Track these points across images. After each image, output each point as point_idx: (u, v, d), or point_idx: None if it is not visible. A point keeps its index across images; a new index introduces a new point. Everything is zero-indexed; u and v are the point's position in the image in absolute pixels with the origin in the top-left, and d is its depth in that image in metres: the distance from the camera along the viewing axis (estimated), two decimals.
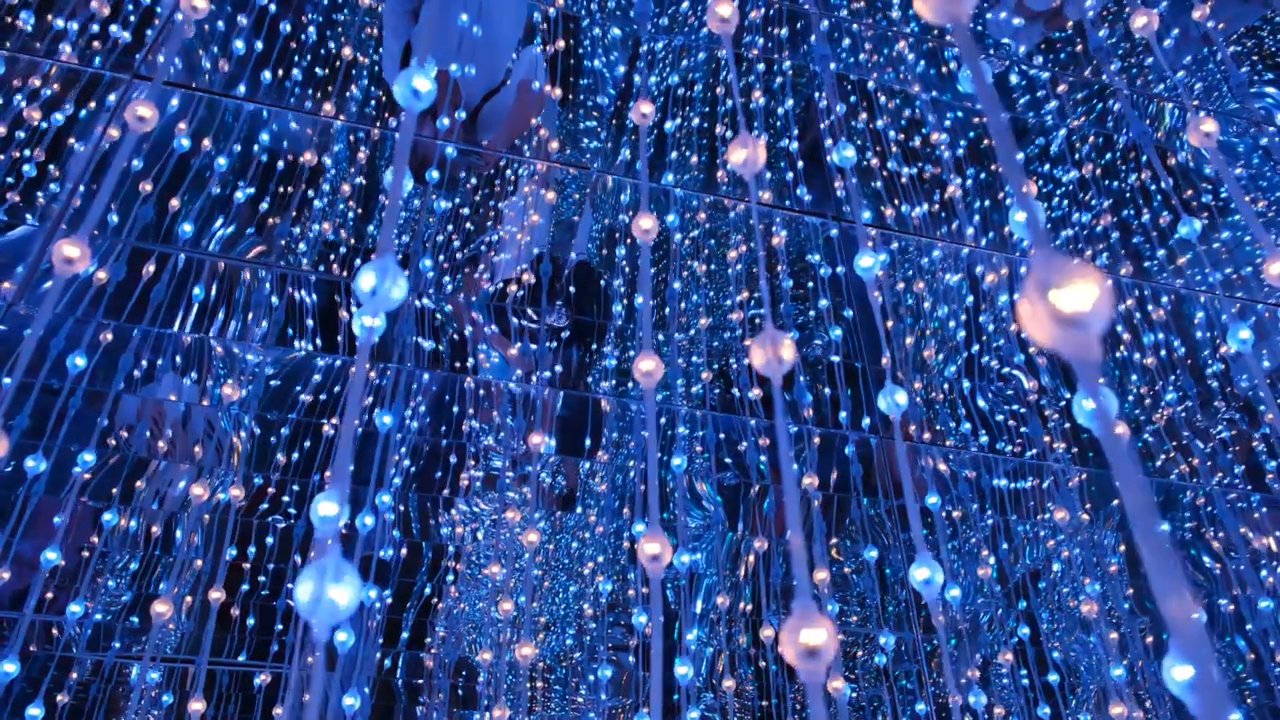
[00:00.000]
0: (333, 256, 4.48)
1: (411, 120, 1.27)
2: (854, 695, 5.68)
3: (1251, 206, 5.33)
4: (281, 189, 4.20)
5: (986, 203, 4.95)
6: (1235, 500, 5.43)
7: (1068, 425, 5.38)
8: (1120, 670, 3.81)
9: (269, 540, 4.77)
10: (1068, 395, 5.32)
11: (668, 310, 4.38)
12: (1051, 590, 5.89)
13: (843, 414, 4.57)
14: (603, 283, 4.72)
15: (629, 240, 4.68)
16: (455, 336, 4.54)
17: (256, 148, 4.09)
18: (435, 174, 3.83)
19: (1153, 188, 5.14)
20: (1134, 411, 5.54)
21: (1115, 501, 5.66)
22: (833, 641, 1.08)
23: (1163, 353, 5.00)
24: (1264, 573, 5.56)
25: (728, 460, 5.27)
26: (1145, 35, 2.45)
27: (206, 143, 3.91)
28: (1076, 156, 5.26)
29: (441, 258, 4.29)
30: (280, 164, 4.15)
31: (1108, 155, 5.26)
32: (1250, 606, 4.89)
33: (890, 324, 4.65)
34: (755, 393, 4.86)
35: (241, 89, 3.98)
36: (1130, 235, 5.25)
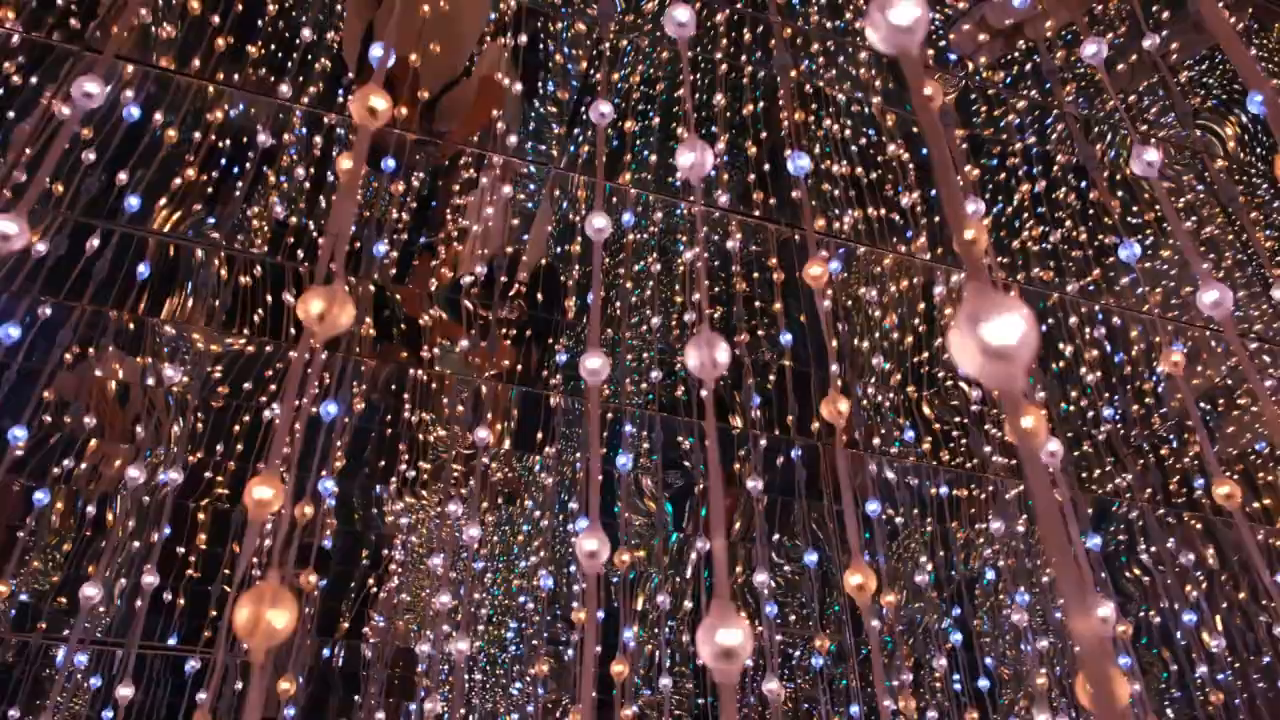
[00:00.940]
0: (288, 240, 4.42)
1: (364, 141, 1.26)
2: (790, 695, 5.74)
3: (1194, 227, 5.47)
4: (234, 169, 4.14)
5: (938, 217, 5.03)
6: (1165, 515, 5.57)
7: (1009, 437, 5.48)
8: (1042, 679, 3.90)
9: (204, 524, 4.70)
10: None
11: (618, 307, 4.39)
12: (987, 598, 6.00)
13: (790, 418, 4.62)
14: (561, 280, 4.72)
15: (587, 238, 4.68)
16: (405, 326, 4.51)
17: (209, 127, 4.02)
18: (391, 162, 3.79)
19: (1090, 211, 5.25)
20: (1075, 424, 5.67)
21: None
22: (748, 643, 1.09)
23: (1098, 372, 5.12)
24: (1189, 586, 5.72)
25: (686, 462, 5.30)
26: (1094, 63, 2.51)
27: (158, 117, 3.84)
28: (1033, 172, 5.35)
29: (388, 245, 4.25)
30: (233, 144, 4.09)
31: (1058, 172, 5.36)
32: (1174, 618, 5.03)
33: (840, 330, 4.70)
34: (704, 392, 4.87)
35: (195, 65, 3.91)
36: (1079, 251, 5.36)
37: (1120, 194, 5.29)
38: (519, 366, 4.58)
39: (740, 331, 4.31)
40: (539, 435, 4.79)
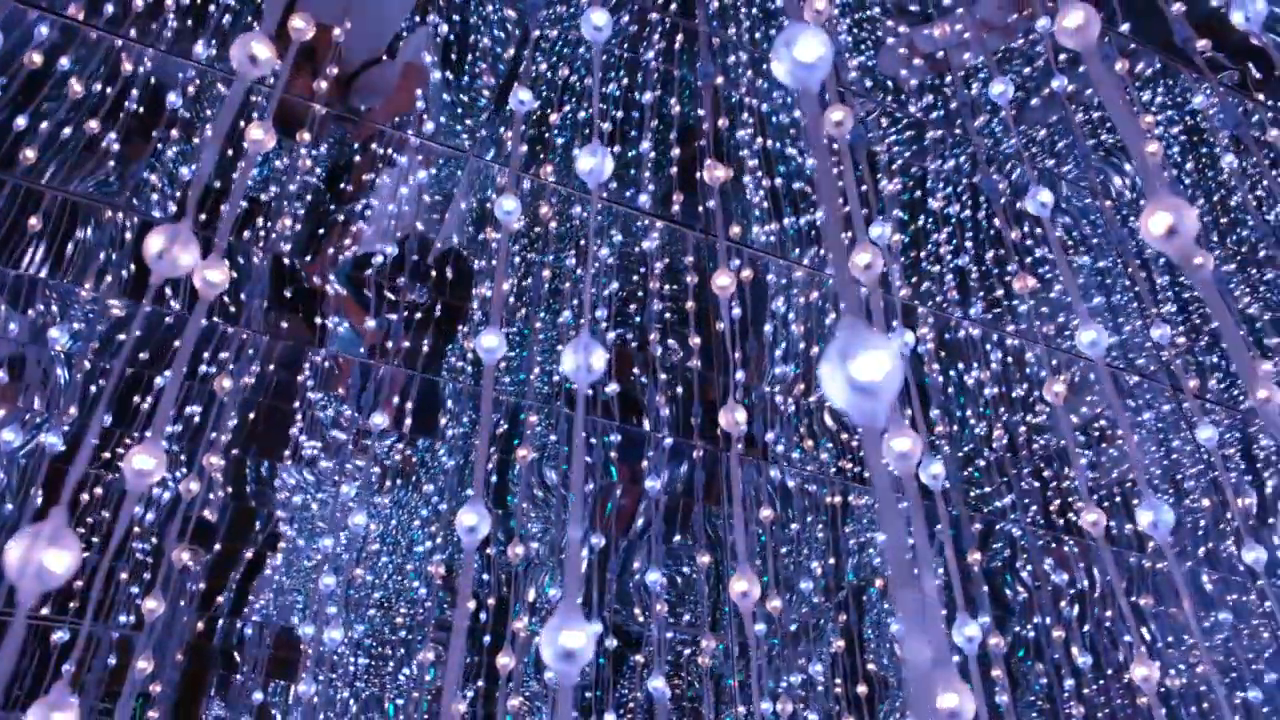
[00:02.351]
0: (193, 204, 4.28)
1: (239, 88, 1.24)
2: (678, 694, 5.81)
3: (1093, 262, 5.70)
4: (141, 128, 4.00)
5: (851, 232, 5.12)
6: (1048, 537, 5.80)
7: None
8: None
9: (85, 490, 4.54)
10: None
11: (528, 299, 4.38)
12: (873, 606, 6.16)
13: (694, 420, 4.67)
14: (470, 266, 4.68)
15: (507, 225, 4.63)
16: (306, 301, 4.42)
17: (119, 83, 3.87)
18: (306, 135, 3.72)
19: (980, 238, 5.41)
20: (968, 445, 5.86)
21: (939, 526, 5.96)
22: (590, 646, 1.11)
23: (991, 393, 5.30)
24: (1064, 603, 5.97)
25: (588, 458, 5.30)
26: (1000, 102, 2.60)
27: (64, 66, 3.69)
28: (945, 195, 5.50)
29: (292, 220, 4.16)
30: (143, 103, 3.95)
31: (969, 199, 5.51)
32: (1047, 634, 5.25)
33: (748, 338, 4.77)
34: (612, 388, 4.91)
35: (107, 14, 3.77)
36: (984, 277, 5.53)
37: (1026, 225, 5.48)
38: (423, 349, 4.54)
39: (652, 331, 4.35)
40: (441, 420, 4.75)
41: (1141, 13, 3.81)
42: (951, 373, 5.56)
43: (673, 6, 4.75)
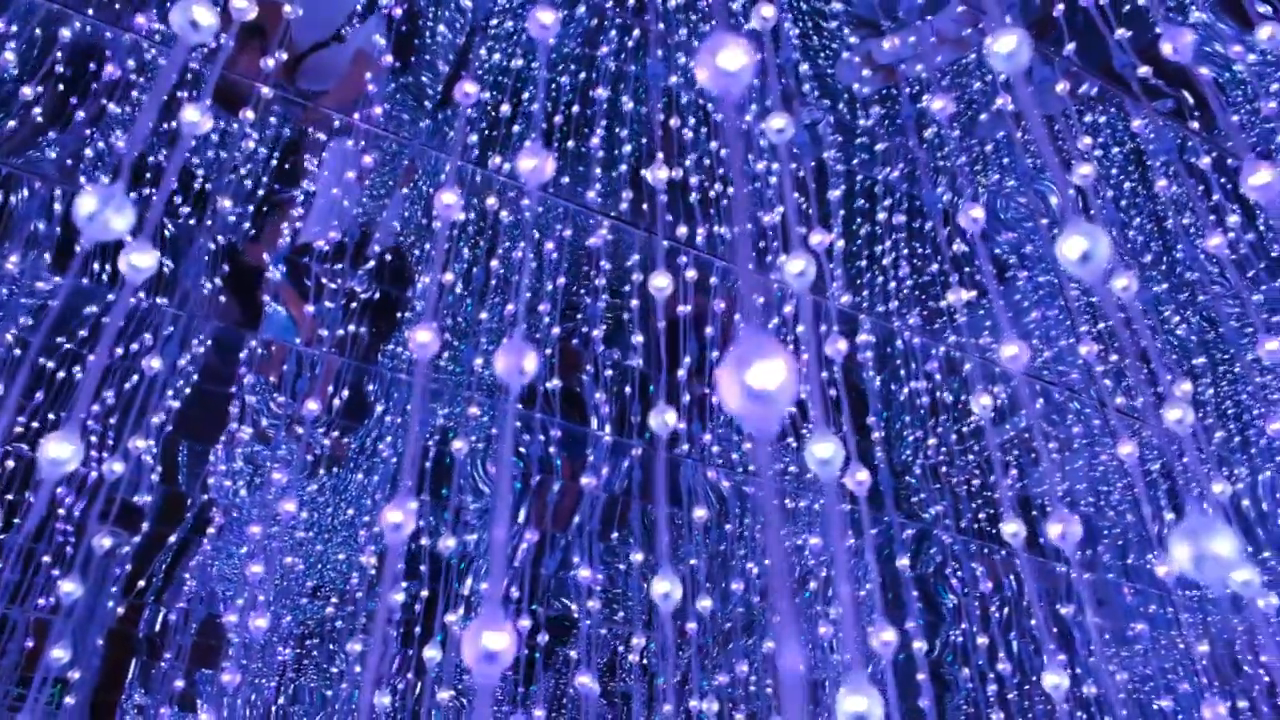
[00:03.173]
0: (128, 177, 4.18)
1: (180, 54, 1.22)
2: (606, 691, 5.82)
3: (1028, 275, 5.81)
4: (75, 98, 3.90)
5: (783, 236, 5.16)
6: (981, 545, 5.91)
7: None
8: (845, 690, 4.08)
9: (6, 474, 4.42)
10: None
11: (473, 289, 4.35)
12: (805, 608, 6.23)
13: (633, 419, 4.68)
14: (409, 257, 4.64)
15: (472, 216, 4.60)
16: (245, 284, 4.35)
17: (55, 51, 3.77)
18: (251, 114, 3.66)
19: (923, 249, 5.49)
20: (903, 453, 5.95)
21: (874, 530, 6.06)
22: (511, 648, 1.11)
23: (925, 402, 5.38)
24: (993, 608, 6.09)
25: (521, 449, 5.29)
26: (941, 118, 2.64)
27: None
28: (890, 205, 5.57)
29: (234, 201, 4.09)
30: (78, 72, 3.85)
31: (913, 208, 5.59)
32: (972, 640, 5.34)
33: (688, 338, 4.79)
34: (554, 383, 4.91)
35: None
36: (924, 287, 5.61)
37: (970, 237, 5.55)
38: (362, 337, 4.49)
39: (595, 328, 4.34)
40: (378, 408, 4.70)
41: (1086, 34, 3.90)
42: (891, 380, 5.64)
43: (630, 3, 4.75)
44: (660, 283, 2.58)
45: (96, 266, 4.15)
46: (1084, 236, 1.31)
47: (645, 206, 4.50)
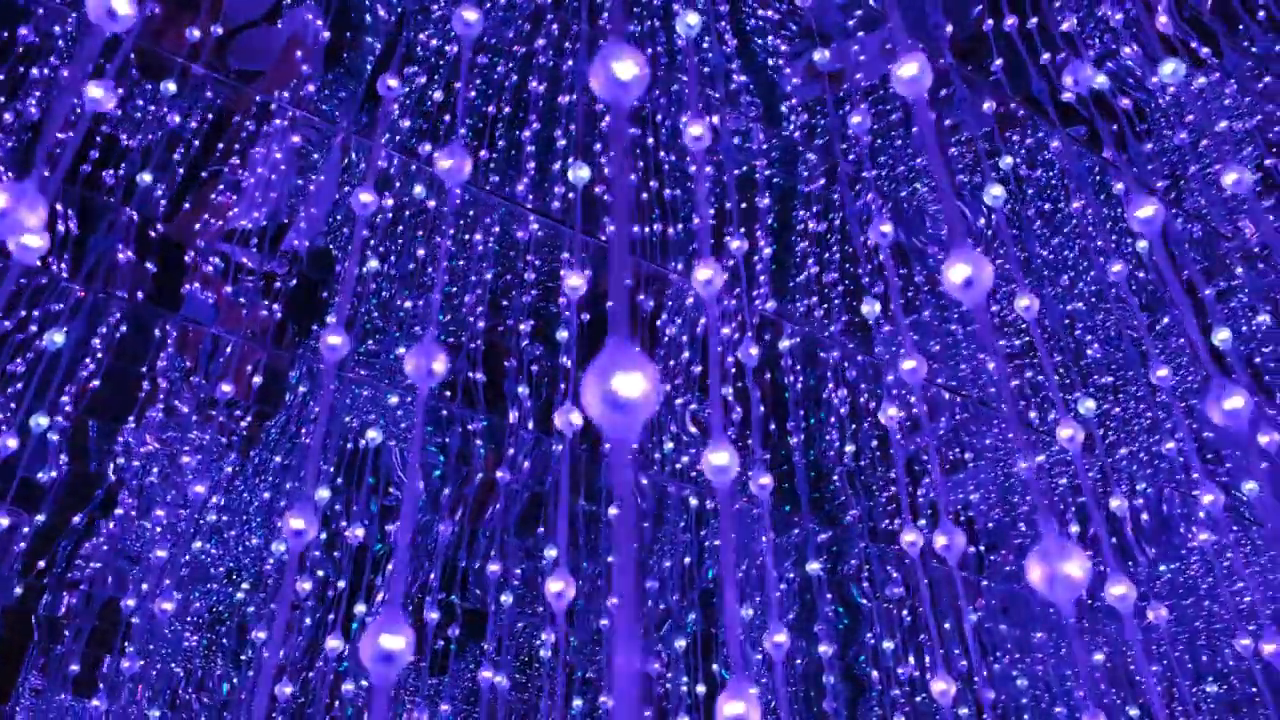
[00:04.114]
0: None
1: (95, 42, 1.21)
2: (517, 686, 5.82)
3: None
4: None
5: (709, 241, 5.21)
6: (888, 551, 6.04)
7: (768, 456, 5.79)
8: (755, 690, 4.15)
9: None
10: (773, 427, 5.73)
11: (395, 277, 4.32)
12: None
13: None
14: (329, 245, 4.58)
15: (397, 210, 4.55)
16: (164, 264, 4.26)
17: None
18: (173, 87, 3.58)
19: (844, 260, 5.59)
20: (821, 459, 6.04)
21: (795, 531, 6.15)
22: (409, 651, 1.13)
23: (841, 410, 5.48)
24: (905, 612, 6.23)
25: (438, 439, 5.26)
26: (859, 132, 2.69)
27: None
28: (816, 213, 5.65)
29: (154, 178, 3.99)
30: None
31: (834, 216, 5.66)
32: (879, 643, 5.47)
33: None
34: (478, 376, 4.88)
35: None
36: (848, 296, 5.70)
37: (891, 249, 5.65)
38: (280, 323, 4.42)
39: (521, 323, 4.34)
40: (289, 396, 4.63)
41: (1010, 55, 4.00)
42: (816, 386, 5.72)
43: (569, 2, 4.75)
44: (573, 282, 2.60)
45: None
46: (967, 263, 1.36)
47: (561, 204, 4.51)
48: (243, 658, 5.61)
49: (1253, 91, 4.44)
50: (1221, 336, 3.15)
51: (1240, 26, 4.16)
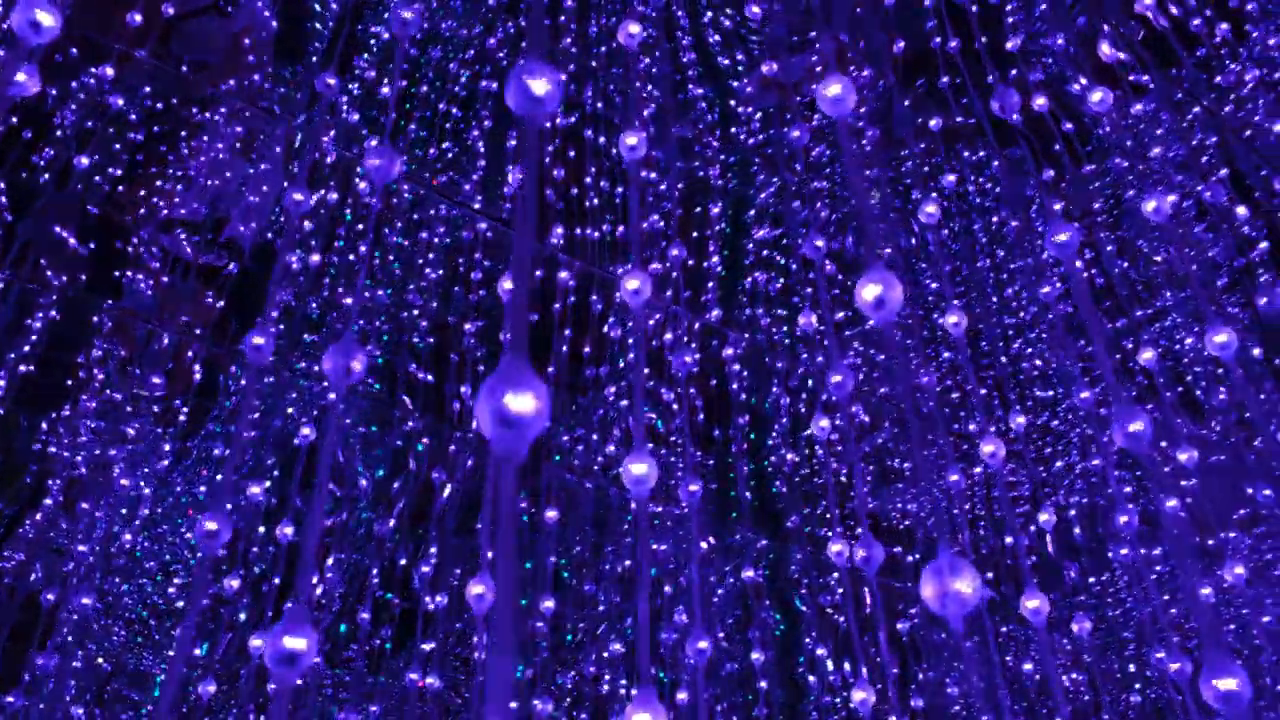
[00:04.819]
0: None
1: (20, 58, 1.20)
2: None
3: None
4: None
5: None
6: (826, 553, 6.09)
7: (711, 462, 5.83)
8: (684, 694, 4.18)
9: None
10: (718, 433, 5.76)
11: (336, 272, 4.28)
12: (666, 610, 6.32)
13: None
14: (271, 239, 4.53)
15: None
16: (101, 251, 4.18)
17: None
18: (110, 71, 3.52)
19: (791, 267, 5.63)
20: (763, 464, 6.09)
21: (737, 536, 6.19)
22: (310, 653, 1.13)
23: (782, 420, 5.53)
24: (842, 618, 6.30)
25: (386, 437, 5.22)
26: (796, 144, 2.72)
27: None
28: (767, 222, 5.69)
29: (92, 165, 3.92)
30: None
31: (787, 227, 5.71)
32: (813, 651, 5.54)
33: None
34: (427, 377, 4.86)
35: None
36: (795, 304, 5.75)
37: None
38: (223, 319, 4.36)
39: (462, 320, 4.32)
40: (227, 388, 4.57)
41: (954, 73, 4.07)
42: (760, 394, 5.77)
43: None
44: (507, 285, 2.59)
45: None
46: (878, 283, 1.39)
47: (508, 206, 4.50)
48: (169, 653, 5.52)
49: (1185, 120, 4.56)
50: (1146, 356, 3.23)
51: (1173, 58, 4.27)
